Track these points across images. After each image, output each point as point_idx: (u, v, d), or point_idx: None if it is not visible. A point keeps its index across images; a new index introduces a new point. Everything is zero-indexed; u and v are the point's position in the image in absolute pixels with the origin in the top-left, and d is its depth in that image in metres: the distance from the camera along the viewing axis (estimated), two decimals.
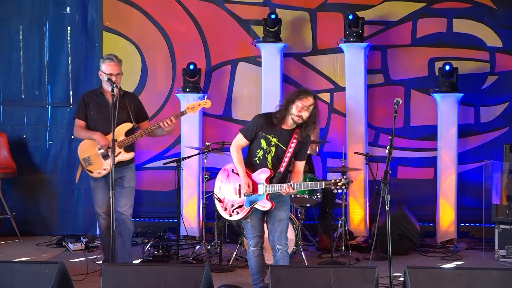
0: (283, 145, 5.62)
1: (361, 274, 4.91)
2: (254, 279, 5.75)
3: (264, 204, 5.62)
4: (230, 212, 5.75)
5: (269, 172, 5.62)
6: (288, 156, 5.62)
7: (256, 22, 8.82)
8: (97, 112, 6.51)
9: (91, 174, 6.53)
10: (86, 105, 6.55)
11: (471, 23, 8.59)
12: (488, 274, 4.87)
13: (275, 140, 5.63)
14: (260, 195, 5.62)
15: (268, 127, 5.64)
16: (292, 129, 5.64)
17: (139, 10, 9.03)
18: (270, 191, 5.59)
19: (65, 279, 5.03)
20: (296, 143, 5.63)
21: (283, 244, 5.67)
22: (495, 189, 7.57)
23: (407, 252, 7.73)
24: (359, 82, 8.44)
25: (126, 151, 6.51)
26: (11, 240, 8.50)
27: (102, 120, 6.47)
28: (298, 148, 5.68)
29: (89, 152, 6.50)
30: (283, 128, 5.64)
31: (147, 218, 9.03)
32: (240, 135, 5.76)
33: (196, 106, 6.45)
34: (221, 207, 5.83)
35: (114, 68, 6.43)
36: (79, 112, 6.60)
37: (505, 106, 8.54)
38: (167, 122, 6.37)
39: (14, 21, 8.97)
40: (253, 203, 5.63)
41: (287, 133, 5.64)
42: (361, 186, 8.41)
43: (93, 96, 6.58)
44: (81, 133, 6.57)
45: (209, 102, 6.52)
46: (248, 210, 5.66)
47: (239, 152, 5.75)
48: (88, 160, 6.50)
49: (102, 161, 6.46)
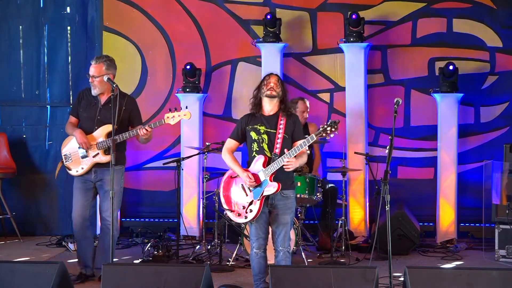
0: (272, 129, 5.68)
1: (361, 274, 4.91)
2: (256, 279, 5.76)
3: (270, 187, 5.61)
4: (245, 214, 5.72)
5: (263, 158, 5.64)
6: (280, 137, 5.65)
7: (256, 22, 8.83)
8: (84, 110, 6.49)
9: (69, 171, 6.51)
10: (79, 102, 6.56)
11: (471, 23, 8.59)
12: (488, 274, 4.86)
13: (263, 127, 5.69)
14: (264, 181, 5.63)
15: (252, 119, 5.76)
16: (275, 114, 5.73)
17: (139, 10, 9.03)
18: (271, 171, 5.59)
19: (65, 279, 5.03)
20: (284, 120, 5.67)
21: (286, 246, 5.69)
22: (495, 189, 7.57)
23: (407, 252, 7.73)
24: (359, 82, 8.44)
25: (105, 154, 6.34)
26: (11, 240, 8.50)
27: (88, 118, 6.45)
28: (291, 128, 5.70)
29: (71, 149, 6.48)
30: (265, 115, 5.73)
31: (147, 218, 9.03)
32: (228, 139, 5.87)
33: (176, 117, 6.26)
34: (234, 215, 5.78)
35: (92, 70, 6.39)
36: (73, 108, 6.70)
37: (505, 106, 8.54)
38: (143, 131, 6.21)
39: (14, 21, 8.97)
40: (261, 192, 5.63)
41: (271, 118, 5.72)
42: (361, 186, 8.41)
43: (87, 94, 6.55)
44: (67, 129, 6.57)
45: (188, 113, 6.29)
46: (260, 202, 5.63)
47: (231, 154, 5.80)
48: (68, 157, 6.48)
49: (80, 159, 6.42)
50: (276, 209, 5.66)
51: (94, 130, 6.41)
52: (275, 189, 5.60)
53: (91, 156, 6.38)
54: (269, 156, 5.64)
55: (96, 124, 6.40)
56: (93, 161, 6.39)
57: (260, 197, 5.63)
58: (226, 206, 5.81)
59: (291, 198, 5.72)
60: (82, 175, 6.45)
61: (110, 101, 6.23)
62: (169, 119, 6.27)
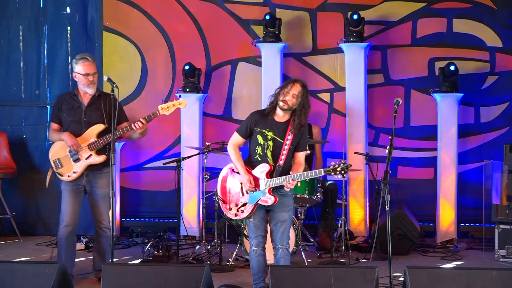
0: (279, 138, 5.63)
1: (361, 274, 4.91)
2: (255, 279, 5.76)
3: (267, 199, 5.62)
4: (236, 212, 5.74)
5: (268, 167, 5.62)
6: (286, 148, 5.62)
7: (256, 22, 8.83)
8: (68, 114, 6.32)
9: (61, 177, 6.31)
10: (60, 107, 6.37)
11: (471, 23, 8.59)
12: (488, 274, 4.86)
13: (271, 134, 5.64)
14: (262, 190, 5.62)
15: (263, 121, 5.67)
16: (286, 122, 5.66)
17: (139, 10, 9.03)
18: (272, 185, 5.59)
19: (65, 279, 5.02)
20: (292, 135, 5.63)
21: (285, 244, 5.69)
22: (495, 189, 7.57)
23: (407, 252, 7.73)
24: (359, 82, 8.44)
25: (97, 154, 6.27)
26: (11, 240, 8.50)
27: (74, 122, 6.30)
28: (297, 140, 5.68)
29: (59, 154, 6.29)
30: (276, 120, 5.66)
31: (147, 218, 9.03)
32: (236, 134, 5.78)
33: (170, 107, 6.14)
34: (226, 208, 5.81)
35: (89, 68, 6.28)
36: (53, 115, 6.46)
37: (505, 106, 8.54)
38: (138, 124, 6.12)
39: (13, 21, 8.97)
40: (257, 200, 5.63)
41: (281, 126, 5.65)
42: (361, 186, 8.41)
43: (67, 98, 6.39)
44: (52, 135, 6.39)
45: (184, 102, 6.20)
46: (252, 207, 5.65)
47: (236, 150, 5.75)
48: (58, 163, 6.30)
49: (72, 163, 6.28)
50: (273, 207, 5.67)
51: (83, 133, 6.27)
52: (271, 202, 5.62)
53: (83, 159, 6.24)
54: (270, 163, 5.63)
55: (84, 127, 6.28)
56: (86, 163, 6.25)
57: (254, 204, 5.64)
58: (220, 196, 5.81)
59: (288, 196, 5.71)
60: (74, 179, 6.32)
61: (94, 102, 6.29)
62: (164, 110, 6.15)
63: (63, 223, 6.30)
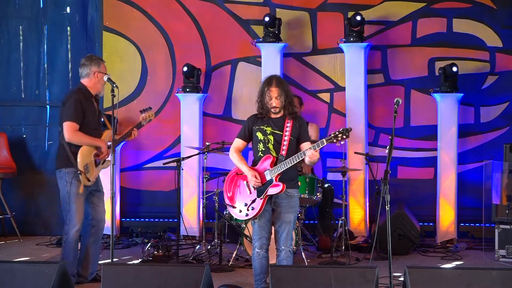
0: (278, 131, 5.69)
1: (361, 274, 4.91)
2: (257, 279, 5.75)
3: (275, 187, 5.61)
4: (246, 212, 5.72)
5: (271, 158, 5.65)
6: (286, 139, 5.66)
7: (256, 22, 8.83)
8: (91, 116, 6.25)
9: (88, 183, 6.24)
10: (84, 110, 6.21)
11: (471, 23, 8.59)
12: (488, 274, 4.86)
13: (270, 128, 5.69)
14: (269, 180, 5.62)
15: (260, 120, 5.76)
16: (281, 116, 5.74)
17: (139, 10, 9.03)
18: (277, 171, 5.60)
19: (65, 279, 5.02)
20: (290, 126, 5.67)
21: (288, 245, 5.69)
22: (495, 189, 7.57)
23: (407, 252, 7.73)
24: (359, 82, 8.44)
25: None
26: (11, 240, 8.51)
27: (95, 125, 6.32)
28: (296, 131, 5.70)
29: (88, 159, 6.25)
30: (272, 117, 5.74)
31: (147, 218, 9.03)
32: (236, 139, 5.86)
33: (146, 118, 6.49)
34: (236, 212, 5.80)
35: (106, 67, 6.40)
36: (78, 115, 6.15)
37: (505, 106, 8.55)
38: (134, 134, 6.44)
39: (13, 21, 8.98)
40: (265, 191, 5.63)
41: (278, 120, 5.73)
42: (361, 186, 8.41)
43: (88, 102, 6.26)
44: (83, 139, 6.17)
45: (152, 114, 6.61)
46: (262, 202, 5.63)
47: (238, 153, 5.80)
48: (87, 168, 6.25)
49: (95, 169, 6.32)
50: (279, 207, 5.66)
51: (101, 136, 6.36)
52: (279, 189, 5.60)
53: (100, 164, 6.35)
54: (275, 156, 5.65)
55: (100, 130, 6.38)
56: (101, 168, 6.38)
57: (264, 196, 5.63)
58: (228, 202, 5.82)
59: (295, 197, 5.72)
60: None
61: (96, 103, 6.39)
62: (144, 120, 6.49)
63: (75, 228, 6.30)
